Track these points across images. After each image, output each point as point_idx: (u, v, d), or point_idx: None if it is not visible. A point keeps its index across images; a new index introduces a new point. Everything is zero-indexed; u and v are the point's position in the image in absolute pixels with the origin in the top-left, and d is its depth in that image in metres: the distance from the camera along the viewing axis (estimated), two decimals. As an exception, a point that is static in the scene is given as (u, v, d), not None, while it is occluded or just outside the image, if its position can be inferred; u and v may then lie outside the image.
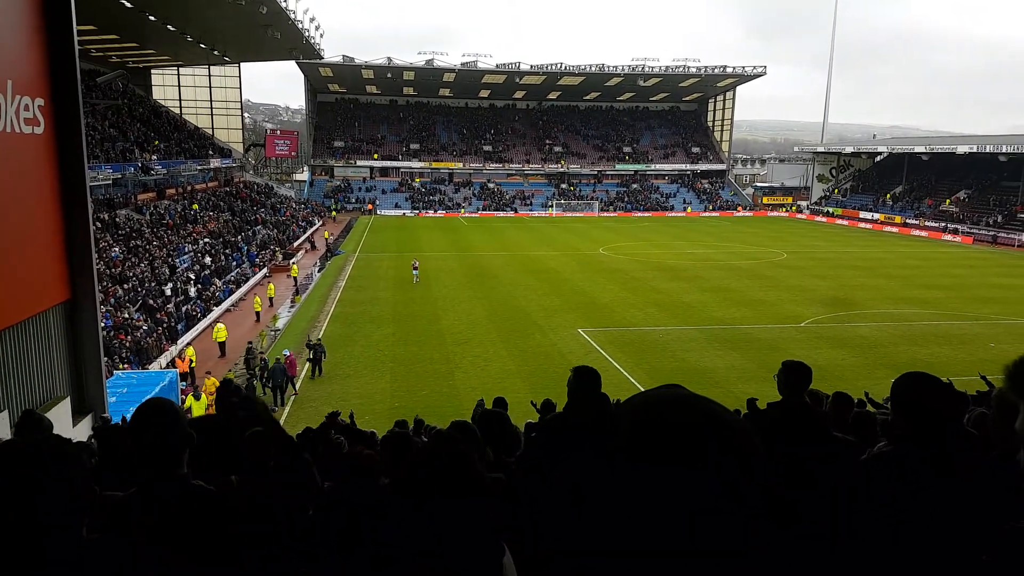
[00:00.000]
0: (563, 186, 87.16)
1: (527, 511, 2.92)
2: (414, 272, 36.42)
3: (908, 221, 69.79)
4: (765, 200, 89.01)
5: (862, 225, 72.14)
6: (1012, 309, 31.55)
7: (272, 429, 3.89)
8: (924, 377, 2.98)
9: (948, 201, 70.86)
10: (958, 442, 3.77)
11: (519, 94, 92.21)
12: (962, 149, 68.30)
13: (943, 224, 65.86)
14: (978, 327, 28.08)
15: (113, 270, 28.32)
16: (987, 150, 65.22)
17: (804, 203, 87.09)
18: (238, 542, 2.37)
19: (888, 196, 77.89)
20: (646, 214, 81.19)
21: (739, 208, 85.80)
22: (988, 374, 21.77)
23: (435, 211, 79.40)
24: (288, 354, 20.64)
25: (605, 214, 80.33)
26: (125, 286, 27.30)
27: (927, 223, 67.85)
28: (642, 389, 15.02)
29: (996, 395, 3.19)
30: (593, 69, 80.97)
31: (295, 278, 37.20)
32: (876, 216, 74.01)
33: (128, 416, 11.29)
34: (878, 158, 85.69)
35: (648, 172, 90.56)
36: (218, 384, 18.73)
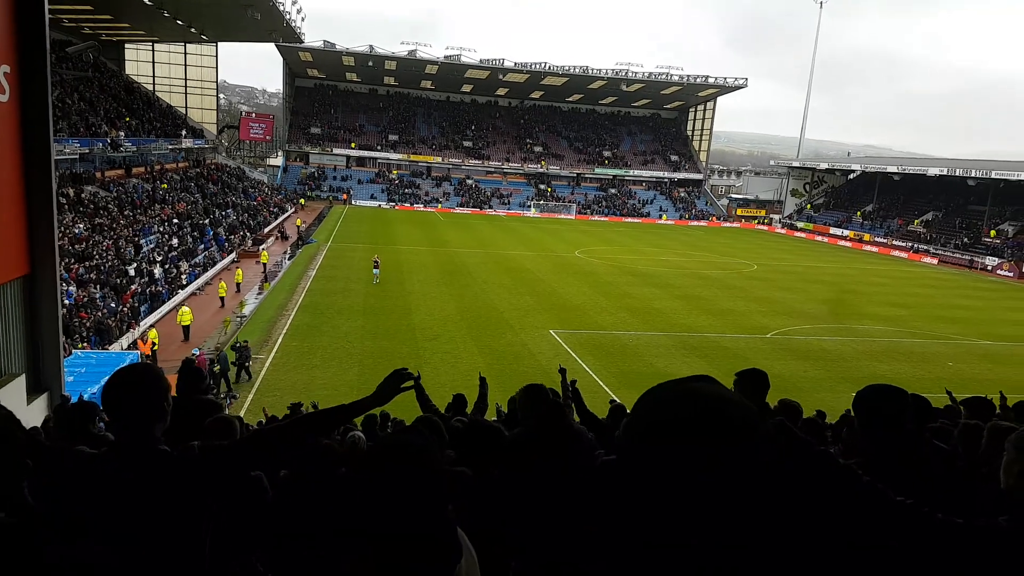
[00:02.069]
0: (542, 186, 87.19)
1: (500, 518, 2.84)
2: (375, 271, 34.53)
3: (877, 239, 71.17)
4: (739, 212, 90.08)
5: (841, 243, 72.96)
6: (972, 330, 32.29)
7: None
8: (880, 387, 2.97)
9: (916, 222, 72.42)
10: (918, 452, 3.73)
11: (502, 91, 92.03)
12: (933, 171, 69.72)
13: (911, 244, 67.29)
14: (938, 346, 28.69)
15: (76, 247, 27.59)
16: (957, 173, 66.71)
17: (776, 216, 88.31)
18: (202, 508, 2.35)
19: (859, 213, 79.34)
20: (634, 220, 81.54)
21: (713, 218, 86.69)
22: (943, 391, 22.14)
23: (412, 204, 78.86)
24: (198, 353, 20.16)
25: (583, 217, 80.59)
26: (87, 264, 26.60)
27: (895, 242, 69.23)
28: (610, 393, 14.96)
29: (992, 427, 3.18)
30: (577, 71, 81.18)
31: (264, 264, 36.62)
32: (846, 232, 75.38)
33: (90, 394, 11.01)
34: (851, 175, 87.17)
35: (626, 178, 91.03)
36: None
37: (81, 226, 30.13)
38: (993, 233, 63.92)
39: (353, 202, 77.16)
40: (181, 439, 3.09)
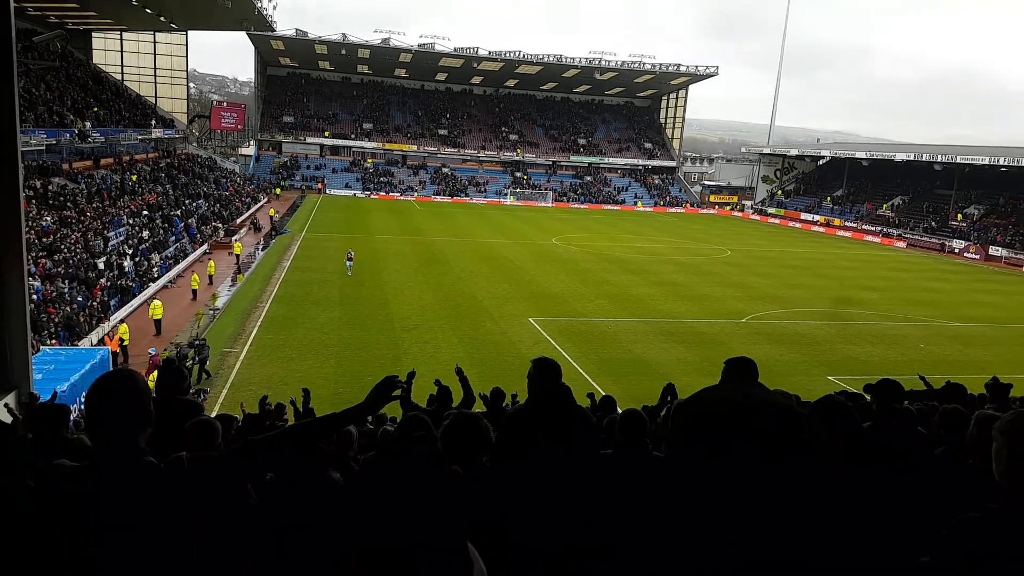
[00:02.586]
0: (518, 174, 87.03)
1: (500, 509, 2.82)
2: (348, 263, 33.66)
3: (847, 224, 72.19)
4: (712, 198, 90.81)
5: (815, 229, 73.49)
6: (941, 312, 32.95)
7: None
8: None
9: (885, 206, 73.56)
10: (898, 441, 3.81)
11: (476, 79, 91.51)
12: (900, 157, 70.84)
13: (880, 228, 68.31)
14: (909, 328, 29.22)
15: (43, 240, 26.98)
16: (924, 159, 67.77)
17: (748, 203, 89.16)
18: (190, 521, 2.30)
19: (828, 199, 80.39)
20: (613, 207, 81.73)
21: (687, 204, 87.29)
22: (915, 373, 22.64)
23: (387, 193, 78.27)
24: (154, 353, 19.44)
25: (562, 204, 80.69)
26: (55, 257, 26.04)
27: (864, 226, 70.26)
28: (590, 380, 15.00)
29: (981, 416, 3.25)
30: (551, 59, 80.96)
31: (237, 256, 36.14)
32: (816, 218, 76.34)
33: (60, 392, 10.76)
34: (821, 162, 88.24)
35: (601, 165, 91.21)
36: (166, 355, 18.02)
37: (48, 219, 29.46)
38: (960, 216, 65.18)
39: (327, 191, 76.37)
40: (162, 441, 3.01)
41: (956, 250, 59.77)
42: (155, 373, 17.64)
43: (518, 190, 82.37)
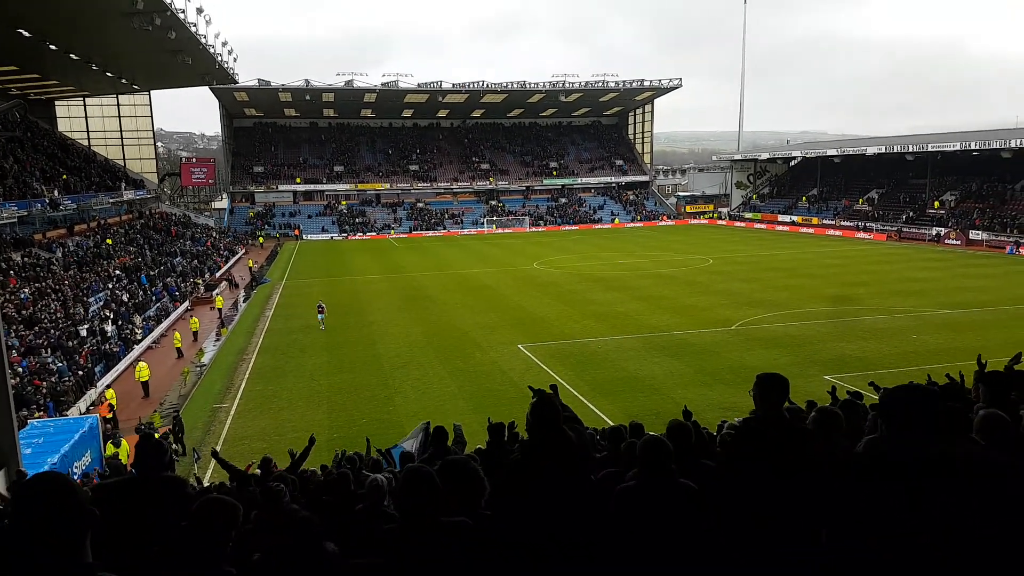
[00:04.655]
0: (492, 202, 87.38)
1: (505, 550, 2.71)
2: (319, 316, 31.51)
3: (826, 221, 72.88)
4: (688, 209, 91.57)
5: (803, 230, 73.59)
6: (930, 301, 33.13)
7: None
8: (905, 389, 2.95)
9: (861, 200, 74.47)
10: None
11: (443, 113, 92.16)
12: (872, 150, 71.87)
13: (860, 223, 68.93)
14: (900, 320, 29.30)
15: (23, 312, 26.53)
16: (895, 150, 68.81)
17: (724, 210, 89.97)
18: None
19: (804, 199, 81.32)
20: (601, 226, 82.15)
21: (664, 217, 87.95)
22: (912, 365, 22.76)
23: (364, 233, 78.18)
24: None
25: (552, 228, 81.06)
26: (36, 328, 25.58)
27: (843, 222, 70.95)
28: (586, 402, 14.97)
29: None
30: (515, 86, 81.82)
31: (219, 310, 35.77)
32: (794, 219, 77.01)
33: (51, 464, 10.45)
34: (793, 163, 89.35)
35: (575, 186, 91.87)
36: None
37: (27, 291, 29.00)
38: (937, 204, 66.00)
39: (304, 237, 76.17)
40: (148, 522, 2.77)
41: (936, 237, 60.30)
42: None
43: (495, 218, 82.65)
